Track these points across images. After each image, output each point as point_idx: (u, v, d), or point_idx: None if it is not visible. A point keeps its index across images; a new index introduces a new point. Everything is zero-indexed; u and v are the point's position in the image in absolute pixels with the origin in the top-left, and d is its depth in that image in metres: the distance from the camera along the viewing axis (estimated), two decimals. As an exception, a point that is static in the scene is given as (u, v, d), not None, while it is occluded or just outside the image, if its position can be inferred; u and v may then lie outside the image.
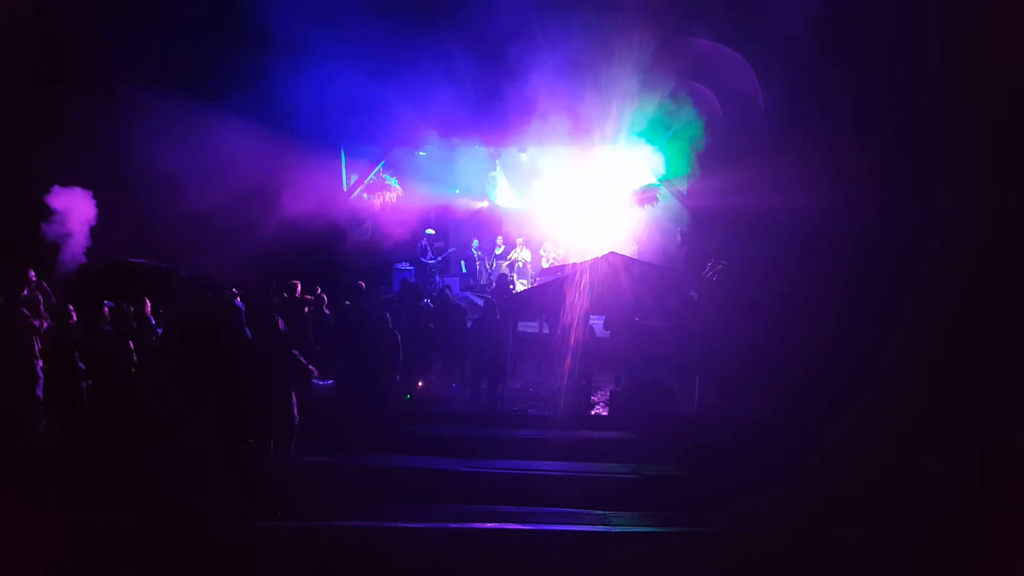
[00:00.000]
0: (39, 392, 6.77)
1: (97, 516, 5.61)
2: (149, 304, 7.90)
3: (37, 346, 6.76)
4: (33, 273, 7.99)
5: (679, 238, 13.35)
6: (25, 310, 6.91)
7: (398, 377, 8.69)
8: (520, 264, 15.23)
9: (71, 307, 7.36)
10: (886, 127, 8.96)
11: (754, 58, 10.80)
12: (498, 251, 15.65)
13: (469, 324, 9.51)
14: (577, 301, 9.52)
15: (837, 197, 9.15)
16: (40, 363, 6.78)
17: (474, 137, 12.92)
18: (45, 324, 7.03)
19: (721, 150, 11.39)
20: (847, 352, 8.09)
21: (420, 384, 9.44)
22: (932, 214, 8.08)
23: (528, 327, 11.63)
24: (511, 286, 12.13)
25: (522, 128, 11.91)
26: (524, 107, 11.34)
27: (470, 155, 14.67)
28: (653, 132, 12.15)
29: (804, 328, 8.41)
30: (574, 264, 11.20)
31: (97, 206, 9.68)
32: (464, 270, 15.96)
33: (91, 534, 5.41)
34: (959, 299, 7.66)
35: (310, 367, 6.61)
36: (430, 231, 15.00)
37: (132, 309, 7.76)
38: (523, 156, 14.71)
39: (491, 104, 11.27)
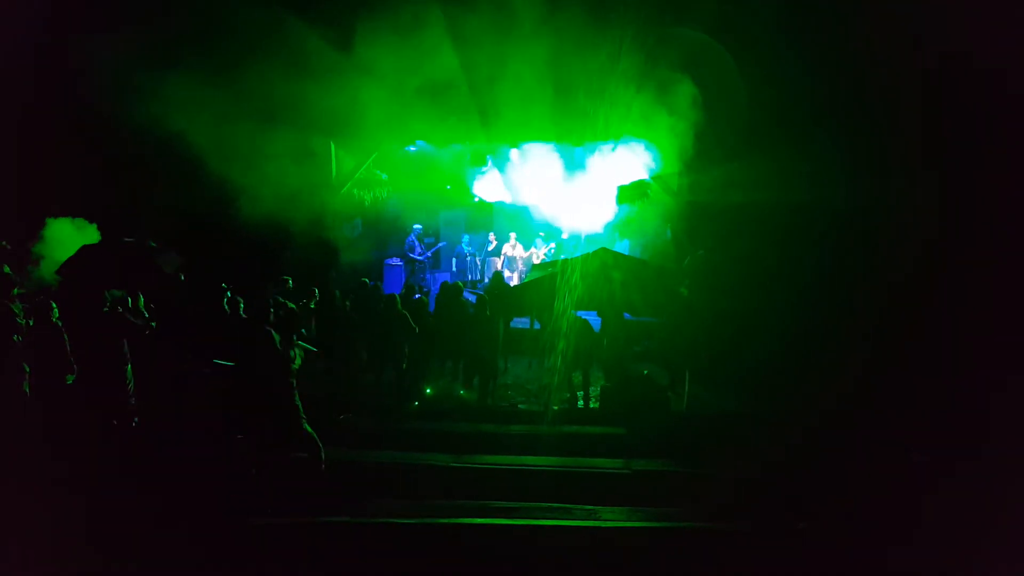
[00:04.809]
0: (25, 388, 6.75)
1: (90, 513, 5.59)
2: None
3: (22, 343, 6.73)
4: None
5: (669, 234, 13.37)
6: (11, 308, 6.85)
7: (404, 365, 8.82)
8: (511, 260, 15.20)
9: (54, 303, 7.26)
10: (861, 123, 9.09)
11: (741, 53, 10.83)
12: (489, 247, 15.62)
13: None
14: (568, 297, 9.51)
15: (829, 192, 9.20)
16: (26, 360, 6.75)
17: (465, 133, 12.86)
18: (30, 322, 6.97)
19: (711, 146, 11.39)
20: (835, 347, 8.14)
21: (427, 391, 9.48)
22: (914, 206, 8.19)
23: (519, 323, 11.63)
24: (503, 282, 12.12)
25: (513, 124, 11.87)
26: (515, 103, 11.30)
27: (461, 151, 14.61)
28: (644, 128, 12.13)
29: (793, 323, 8.45)
30: (565, 260, 11.19)
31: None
32: (455, 267, 15.92)
33: (83, 532, 5.38)
34: (931, 288, 7.77)
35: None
36: (418, 225, 14.94)
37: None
38: (514, 152, 14.66)
39: (481, 101, 11.22)
